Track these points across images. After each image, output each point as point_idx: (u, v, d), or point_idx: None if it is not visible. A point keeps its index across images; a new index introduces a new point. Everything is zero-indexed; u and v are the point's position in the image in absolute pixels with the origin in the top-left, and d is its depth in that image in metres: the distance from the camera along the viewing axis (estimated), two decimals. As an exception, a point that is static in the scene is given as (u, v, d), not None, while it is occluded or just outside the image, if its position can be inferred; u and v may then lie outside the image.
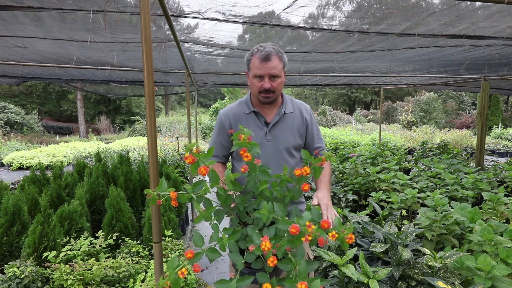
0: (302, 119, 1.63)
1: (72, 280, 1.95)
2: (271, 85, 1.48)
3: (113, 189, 2.92)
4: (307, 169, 1.08)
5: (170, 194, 1.04)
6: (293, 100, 1.68)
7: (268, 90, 1.48)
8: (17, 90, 24.18)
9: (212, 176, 1.10)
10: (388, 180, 3.83)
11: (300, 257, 0.96)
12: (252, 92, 1.58)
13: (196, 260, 0.93)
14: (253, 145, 1.12)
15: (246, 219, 1.16)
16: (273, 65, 1.46)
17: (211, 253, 0.98)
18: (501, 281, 1.66)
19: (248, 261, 1.01)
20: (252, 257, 1.01)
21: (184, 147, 1.06)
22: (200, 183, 1.13)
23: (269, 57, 1.45)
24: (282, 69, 1.51)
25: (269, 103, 1.56)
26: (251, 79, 1.52)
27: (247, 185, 1.15)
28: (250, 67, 1.52)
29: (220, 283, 0.95)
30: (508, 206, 2.83)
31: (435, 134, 14.53)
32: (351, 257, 1.75)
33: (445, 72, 5.14)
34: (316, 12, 2.41)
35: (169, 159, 6.58)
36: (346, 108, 32.25)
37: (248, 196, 1.17)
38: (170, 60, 3.93)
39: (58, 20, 2.43)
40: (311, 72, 5.09)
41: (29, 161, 9.24)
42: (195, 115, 9.16)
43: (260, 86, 1.48)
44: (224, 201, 1.14)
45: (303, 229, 0.92)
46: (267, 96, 1.51)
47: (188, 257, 0.92)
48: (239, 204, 1.16)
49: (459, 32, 2.60)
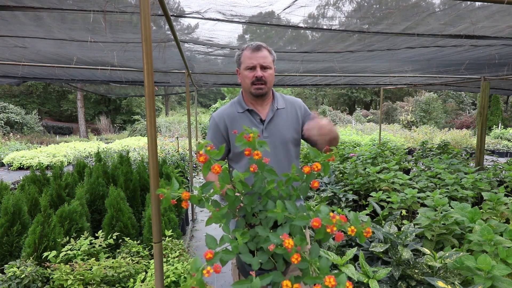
0: (296, 114, 1.63)
1: (72, 280, 1.95)
2: (263, 75, 1.50)
3: (113, 189, 2.92)
4: (318, 165, 1.04)
5: (182, 195, 1.03)
6: (284, 96, 1.68)
7: (260, 79, 1.50)
8: (17, 90, 24.19)
9: (223, 176, 1.08)
10: (388, 180, 3.83)
11: (315, 254, 0.94)
12: (244, 87, 1.59)
13: (215, 261, 0.92)
14: (262, 143, 1.11)
15: (253, 220, 1.16)
16: (264, 55, 1.50)
17: (226, 254, 0.98)
18: (501, 281, 1.66)
19: (261, 262, 1.00)
20: (265, 257, 1.00)
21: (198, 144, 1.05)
22: (209, 184, 1.12)
23: (259, 47, 1.50)
24: (272, 62, 1.54)
25: (262, 95, 1.55)
26: (243, 72, 1.54)
27: (255, 185, 1.14)
28: (241, 61, 1.54)
29: (240, 284, 0.92)
30: (508, 206, 2.83)
31: (435, 134, 14.53)
32: (351, 257, 1.75)
33: (445, 72, 5.14)
34: (316, 12, 2.41)
35: (169, 159, 6.58)
36: (346, 108, 32.26)
37: (255, 196, 1.17)
38: (170, 60, 3.93)
39: (58, 20, 2.43)
40: (311, 72, 5.09)
41: (29, 161, 9.24)
42: (195, 115, 9.17)
43: (252, 76, 1.50)
44: (232, 202, 1.13)
45: (326, 221, 0.90)
46: (259, 88, 1.51)
47: (208, 258, 0.91)
48: (247, 205, 1.14)
49: (459, 32, 2.60)
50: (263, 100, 1.60)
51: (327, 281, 0.81)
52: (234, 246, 0.99)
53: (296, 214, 1.01)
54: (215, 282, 2.95)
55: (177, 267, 2.19)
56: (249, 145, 1.10)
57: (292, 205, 1.04)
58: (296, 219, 0.99)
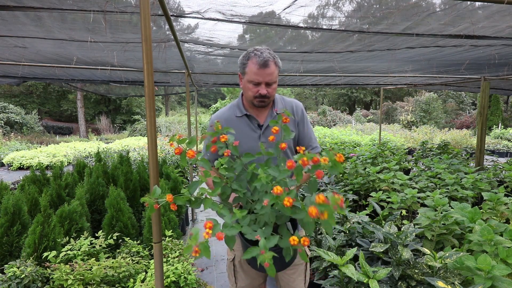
0: (293, 118, 1.61)
1: (72, 280, 1.95)
2: (267, 91, 1.48)
3: (113, 189, 2.92)
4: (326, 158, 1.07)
5: (166, 198, 1.03)
6: (284, 99, 1.66)
7: (264, 96, 1.49)
8: (17, 90, 24.19)
9: (203, 164, 1.13)
10: (388, 180, 3.83)
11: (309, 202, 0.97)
12: (246, 96, 1.57)
13: (216, 231, 0.92)
14: (226, 129, 1.20)
15: (249, 206, 1.18)
16: (271, 72, 1.45)
17: (229, 229, 0.98)
18: (501, 281, 1.66)
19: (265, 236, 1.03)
20: (269, 230, 1.05)
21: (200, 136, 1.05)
22: (196, 183, 1.14)
23: (267, 63, 1.44)
24: (277, 75, 1.53)
25: (264, 107, 1.56)
26: (246, 83, 1.51)
27: (237, 170, 1.19)
28: (245, 71, 1.50)
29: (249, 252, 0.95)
30: (508, 206, 2.83)
31: (435, 134, 14.53)
32: (351, 257, 1.75)
33: (445, 72, 5.14)
34: (316, 12, 2.41)
35: (169, 159, 6.59)
36: (346, 108, 32.26)
37: (243, 183, 1.19)
38: (170, 60, 3.93)
39: (58, 20, 2.43)
40: (311, 72, 5.09)
41: (29, 161, 9.24)
42: (195, 115, 9.17)
43: (256, 92, 1.48)
44: (224, 190, 1.16)
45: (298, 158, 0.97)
46: (262, 101, 1.51)
47: (208, 227, 0.90)
48: (239, 192, 1.17)
49: (459, 32, 2.60)
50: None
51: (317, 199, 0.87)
52: (237, 223, 1.03)
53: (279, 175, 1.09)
54: (215, 282, 2.95)
55: (177, 267, 2.19)
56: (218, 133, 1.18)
57: (275, 170, 1.11)
58: (279, 175, 1.07)
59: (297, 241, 0.91)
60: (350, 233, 2.46)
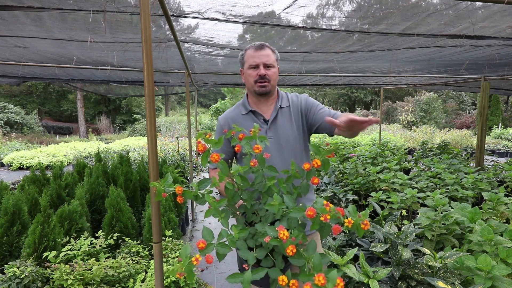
0: (298, 109, 1.60)
1: (72, 280, 1.95)
2: (266, 73, 1.50)
3: (113, 189, 2.92)
4: (317, 161, 1.03)
5: (175, 189, 1.02)
6: (289, 95, 1.67)
7: (264, 77, 1.50)
8: (17, 90, 24.19)
9: (222, 167, 1.09)
10: (388, 180, 3.83)
11: (312, 250, 0.94)
12: (248, 87, 1.58)
13: (208, 251, 0.91)
14: (262, 138, 1.12)
15: (253, 218, 1.15)
16: (267, 53, 1.51)
17: (222, 248, 0.96)
18: (501, 281, 1.66)
19: (258, 258, 0.99)
20: (263, 253, 1.00)
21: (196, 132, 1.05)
22: (206, 181, 1.11)
23: (262, 46, 1.51)
24: (275, 61, 1.55)
25: (266, 93, 1.54)
26: (246, 71, 1.55)
27: (255, 181, 1.14)
28: (244, 60, 1.55)
29: (233, 277, 0.92)
30: (508, 206, 2.83)
31: (435, 134, 14.53)
32: (351, 257, 1.75)
33: (445, 72, 5.14)
34: (316, 12, 2.41)
35: (169, 159, 6.59)
36: (346, 108, 32.24)
37: (255, 193, 1.17)
38: (170, 60, 3.93)
39: (58, 20, 2.43)
40: (311, 72, 5.09)
41: (29, 161, 9.24)
42: (195, 115, 9.17)
43: (255, 75, 1.51)
44: (231, 197, 1.13)
45: (321, 210, 0.89)
46: (263, 85, 1.51)
47: (200, 247, 0.89)
48: (247, 201, 1.14)
49: (459, 32, 2.60)
50: (267, 99, 1.59)
51: (316, 279, 0.81)
52: (231, 241, 0.99)
53: (293, 207, 1.01)
54: (215, 282, 2.95)
55: (177, 267, 2.19)
56: (250, 140, 1.10)
57: (290, 199, 1.04)
58: (292, 211, 0.99)
59: (285, 283, 0.86)
60: (350, 233, 2.46)
